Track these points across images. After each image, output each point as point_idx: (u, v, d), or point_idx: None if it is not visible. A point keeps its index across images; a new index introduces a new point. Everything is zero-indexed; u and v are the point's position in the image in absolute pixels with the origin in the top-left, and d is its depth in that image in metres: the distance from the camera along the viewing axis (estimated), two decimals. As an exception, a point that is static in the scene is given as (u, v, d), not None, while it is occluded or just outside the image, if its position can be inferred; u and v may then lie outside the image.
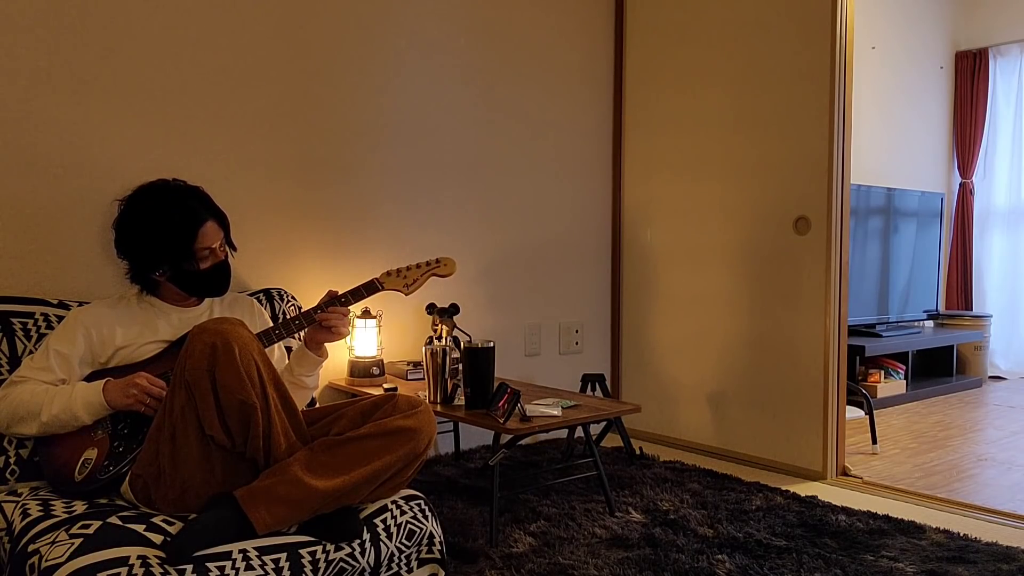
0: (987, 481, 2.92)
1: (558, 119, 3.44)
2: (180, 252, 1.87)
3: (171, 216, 1.86)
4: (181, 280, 1.92)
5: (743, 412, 3.17)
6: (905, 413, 4.17)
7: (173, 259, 1.88)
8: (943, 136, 5.61)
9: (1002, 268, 5.51)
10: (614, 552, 2.15)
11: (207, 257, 1.91)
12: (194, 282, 1.93)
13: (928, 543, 2.23)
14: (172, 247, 1.86)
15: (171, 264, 1.89)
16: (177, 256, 1.88)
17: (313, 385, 2.02)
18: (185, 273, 1.91)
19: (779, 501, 2.59)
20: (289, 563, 1.56)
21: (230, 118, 2.52)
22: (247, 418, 1.60)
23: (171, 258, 1.88)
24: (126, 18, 2.30)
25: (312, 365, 1.98)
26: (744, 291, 3.16)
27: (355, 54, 2.80)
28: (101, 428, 1.77)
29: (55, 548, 1.44)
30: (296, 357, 1.98)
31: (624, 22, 3.61)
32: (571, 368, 3.55)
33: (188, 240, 1.87)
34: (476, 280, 3.20)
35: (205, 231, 1.89)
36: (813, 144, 2.91)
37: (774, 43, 3.03)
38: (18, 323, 1.93)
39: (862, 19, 4.81)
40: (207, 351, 1.58)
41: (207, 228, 1.90)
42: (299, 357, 1.98)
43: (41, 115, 2.17)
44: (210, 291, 1.97)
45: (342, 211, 2.80)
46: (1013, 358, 5.47)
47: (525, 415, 2.24)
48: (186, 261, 1.89)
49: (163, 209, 1.87)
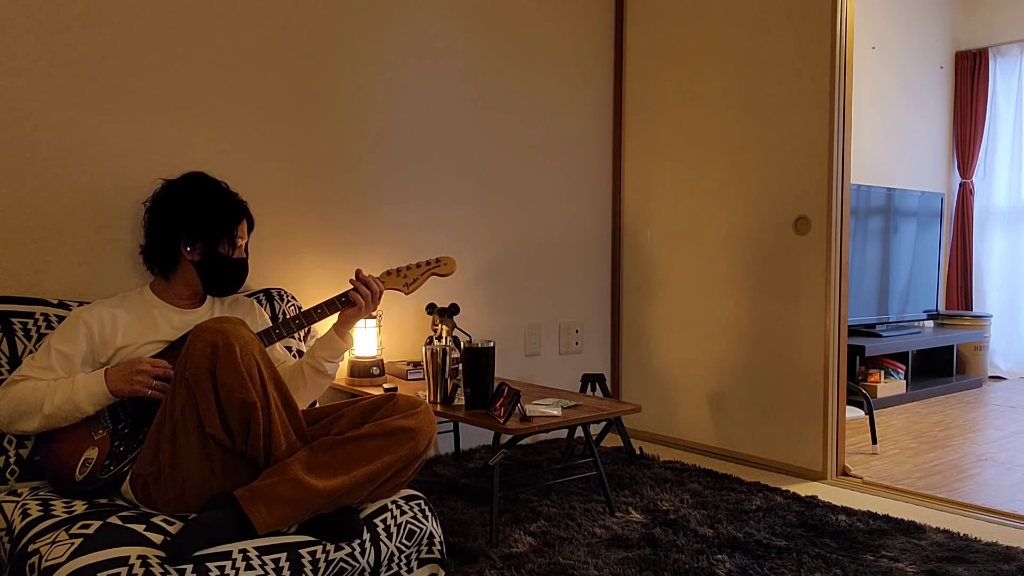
0: (987, 481, 2.92)
1: (559, 119, 3.44)
2: (224, 229, 1.93)
3: (225, 195, 1.97)
4: (209, 263, 1.94)
5: (743, 412, 3.17)
6: (905, 413, 4.17)
7: (214, 236, 1.93)
8: (943, 136, 5.61)
9: (1002, 268, 5.51)
10: (614, 552, 2.15)
11: (240, 249, 1.98)
12: (219, 270, 1.95)
13: (928, 543, 2.23)
14: (219, 222, 1.93)
15: (209, 241, 1.93)
16: (220, 232, 1.93)
17: (332, 372, 2.00)
18: (216, 256, 1.94)
19: (779, 501, 2.59)
20: (289, 563, 1.56)
21: (230, 118, 2.52)
22: (248, 417, 1.60)
23: (213, 234, 1.92)
24: (126, 18, 2.30)
25: (336, 351, 1.97)
26: (744, 291, 3.16)
27: (355, 54, 2.80)
28: (102, 427, 1.78)
29: (55, 548, 1.44)
30: (321, 340, 1.97)
31: (624, 23, 3.61)
32: (571, 368, 3.55)
33: (234, 222, 1.95)
34: (476, 280, 3.20)
35: (243, 225, 2.00)
36: (813, 144, 2.91)
37: (774, 43, 3.03)
38: (18, 323, 1.93)
39: (862, 19, 4.81)
40: (208, 350, 1.59)
41: (244, 223, 2.00)
42: (325, 340, 1.97)
43: (41, 115, 2.17)
44: (228, 284, 1.99)
45: (342, 211, 2.80)
46: (1013, 358, 5.47)
47: (525, 415, 2.24)
48: (224, 242, 1.94)
49: (217, 188, 1.98)
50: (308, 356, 1.98)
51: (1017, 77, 5.44)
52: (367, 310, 1.97)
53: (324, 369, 1.98)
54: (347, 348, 1.99)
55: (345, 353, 2.01)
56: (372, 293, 1.97)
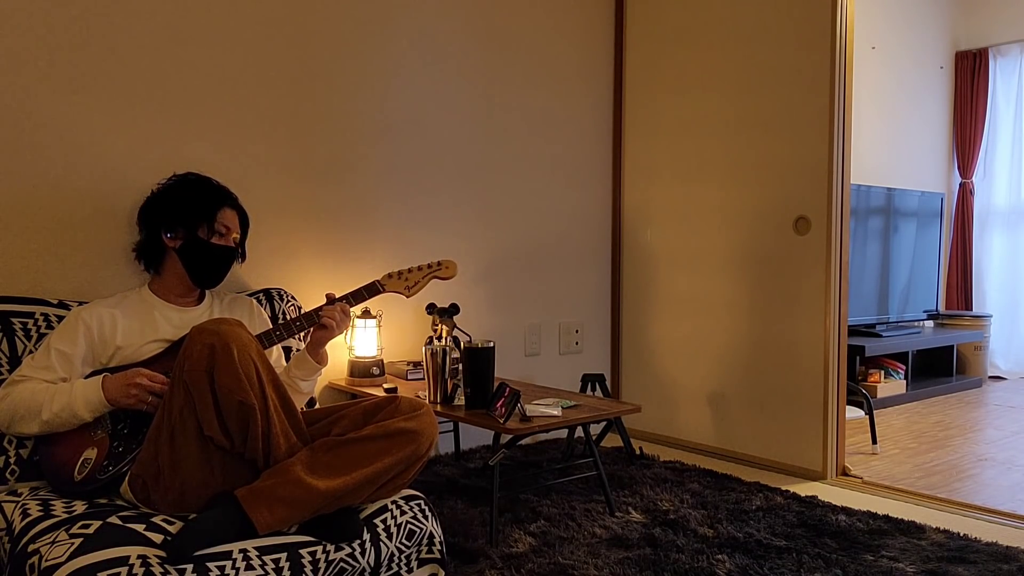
0: (987, 481, 2.92)
1: (559, 119, 3.44)
2: (201, 214, 1.95)
3: (205, 185, 2.02)
4: (189, 250, 1.94)
5: (743, 412, 3.17)
6: (905, 413, 4.17)
7: (191, 220, 1.94)
8: (943, 136, 5.61)
9: (1002, 268, 5.51)
10: (614, 552, 2.15)
11: (223, 235, 1.98)
12: (201, 255, 1.95)
13: (928, 543, 2.23)
14: (195, 206, 1.95)
15: (187, 226, 1.94)
16: (197, 216, 1.95)
17: (307, 391, 2.02)
18: (197, 242, 1.94)
19: (779, 501, 2.59)
20: (289, 563, 1.56)
21: (230, 118, 2.52)
22: (246, 419, 1.60)
23: (190, 218, 1.94)
24: (126, 18, 2.30)
25: (310, 370, 1.99)
26: (744, 291, 3.16)
27: (355, 54, 2.80)
28: (101, 428, 1.77)
29: (55, 548, 1.44)
30: (296, 360, 1.99)
31: (624, 23, 3.61)
32: (571, 368, 3.55)
33: (212, 207, 1.97)
34: (476, 280, 3.20)
35: (228, 212, 2.01)
36: (813, 144, 2.91)
37: (774, 43, 3.03)
38: (18, 323, 1.93)
39: (862, 19, 4.81)
40: (205, 352, 1.58)
41: (230, 212, 2.02)
42: (299, 360, 1.98)
43: (41, 115, 2.17)
44: (209, 272, 1.98)
45: (342, 211, 2.80)
46: (1013, 358, 5.47)
47: (525, 415, 2.24)
48: (204, 227, 1.95)
49: (198, 179, 2.04)
50: (283, 374, 1.99)
51: (1017, 77, 5.44)
52: (336, 332, 1.97)
53: (299, 388, 2.00)
54: (322, 367, 2.00)
55: (322, 370, 2.01)
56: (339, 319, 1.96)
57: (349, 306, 1.99)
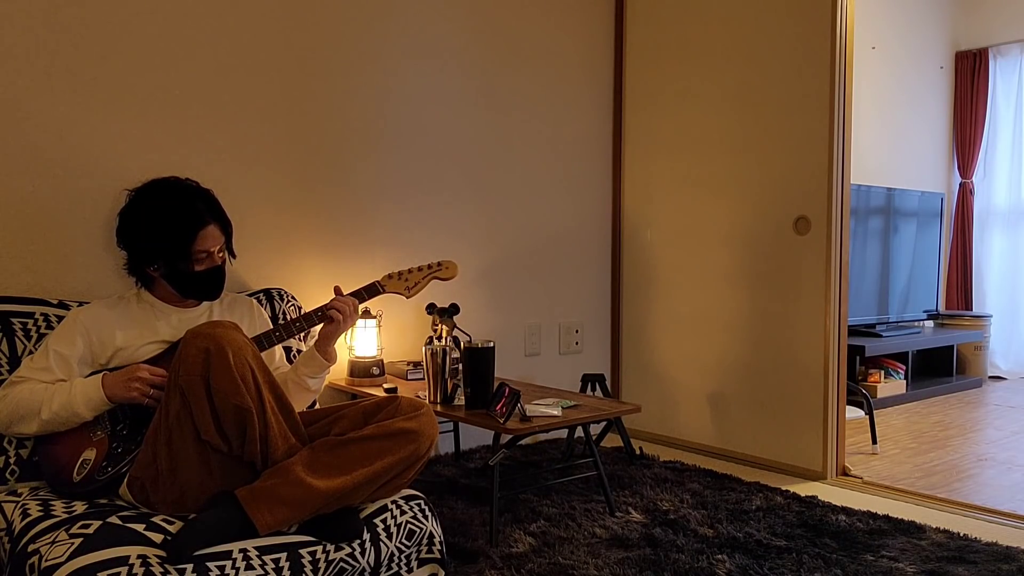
0: (987, 481, 2.92)
1: (559, 118, 3.44)
2: (177, 251, 1.86)
3: (174, 214, 1.86)
4: (174, 279, 1.91)
5: (743, 412, 3.17)
6: (905, 413, 4.17)
7: (169, 257, 1.87)
8: (943, 136, 5.61)
9: (1002, 268, 5.51)
10: (614, 552, 2.15)
11: (203, 260, 1.90)
12: (186, 283, 1.91)
13: (928, 543, 2.23)
14: (170, 245, 1.86)
15: (166, 261, 1.88)
16: (173, 254, 1.87)
17: (316, 388, 2.02)
18: (179, 272, 1.89)
19: (779, 501, 2.59)
20: (289, 563, 1.56)
21: (230, 117, 2.52)
22: (243, 422, 1.60)
23: (167, 255, 1.87)
24: (126, 18, 2.30)
25: (318, 368, 1.98)
26: (744, 291, 3.16)
27: (355, 53, 2.80)
28: (100, 428, 1.77)
29: (55, 548, 1.44)
30: (304, 357, 1.98)
31: (624, 22, 3.61)
32: (571, 368, 3.55)
33: (187, 240, 1.86)
34: (476, 280, 3.20)
35: (205, 234, 1.88)
36: (813, 144, 2.91)
37: (774, 43, 3.03)
38: (18, 323, 1.93)
39: (862, 19, 4.81)
40: (201, 356, 1.58)
41: (208, 231, 1.88)
42: (307, 358, 1.98)
43: (41, 115, 2.17)
44: (201, 294, 1.95)
45: (342, 210, 2.80)
46: (1013, 358, 5.47)
47: (525, 415, 2.24)
48: (181, 261, 1.88)
49: (167, 206, 1.87)
50: (292, 371, 1.99)
51: (1017, 77, 5.44)
52: (345, 326, 1.97)
53: (307, 386, 1.99)
54: (330, 364, 1.99)
55: (331, 368, 2.01)
56: (349, 311, 1.96)
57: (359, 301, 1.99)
